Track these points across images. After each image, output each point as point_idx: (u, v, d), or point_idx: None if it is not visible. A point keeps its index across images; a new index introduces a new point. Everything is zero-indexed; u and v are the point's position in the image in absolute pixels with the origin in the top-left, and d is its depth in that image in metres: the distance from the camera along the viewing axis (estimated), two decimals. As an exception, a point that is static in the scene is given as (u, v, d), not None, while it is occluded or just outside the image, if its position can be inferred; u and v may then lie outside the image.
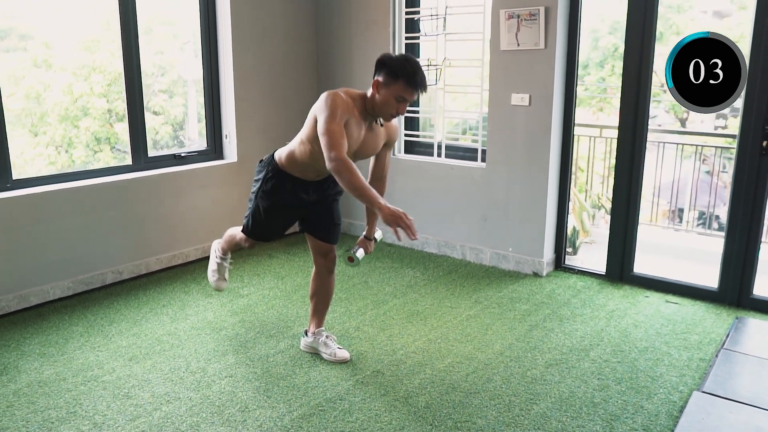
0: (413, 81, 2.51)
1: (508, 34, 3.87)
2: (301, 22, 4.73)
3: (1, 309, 3.40)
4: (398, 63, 2.53)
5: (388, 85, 2.52)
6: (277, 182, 2.80)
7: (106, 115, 4.36)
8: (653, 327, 3.33)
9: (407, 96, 2.54)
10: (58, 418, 2.50)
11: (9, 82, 4.03)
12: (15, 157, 4.23)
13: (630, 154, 3.76)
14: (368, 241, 2.98)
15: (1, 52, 4.05)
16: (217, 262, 3.28)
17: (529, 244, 4.08)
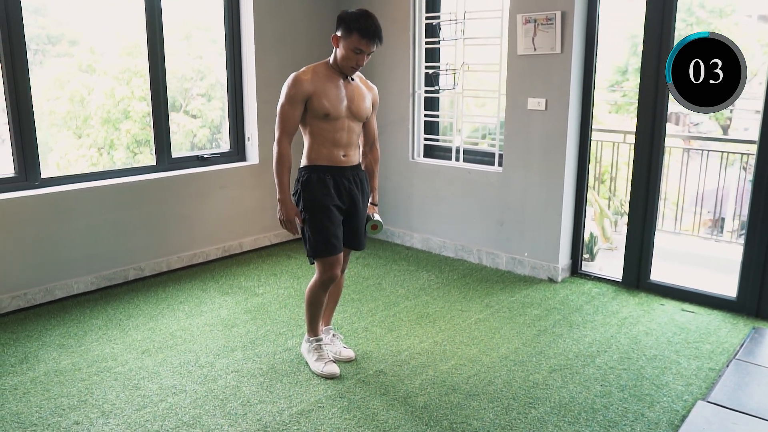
0: (366, 32, 2.61)
1: (525, 38, 3.86)
2: (323, 26, 4.81)
3: (28, 301, 3.56)
4: (353, 17, 2.64)
5: (345, 38, 2.65)
6: (317, 177, 2.73)
7: (147, 118, 4.51)
8: (665, 335, 3.28)
9: (363, 47, 2.64)
10: (69, 406, 2.61)
11: (55, 86, 4.20)
12: (59, 157, 4.41)
13: (647, 161, 3.71)
14: (374, 207, 3.02)
15: (52, 57, 4.24)
16: (313, 346, 2.95)
17: (544, 249, 4.05)
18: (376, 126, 3.02)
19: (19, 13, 3.46)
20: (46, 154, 4.42)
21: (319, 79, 2.69)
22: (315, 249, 2.74)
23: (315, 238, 2.73)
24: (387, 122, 4.76)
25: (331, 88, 2.70)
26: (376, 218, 2.93)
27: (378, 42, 2.67)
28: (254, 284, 4.01)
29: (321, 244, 2.72)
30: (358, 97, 2.79)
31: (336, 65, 2.73)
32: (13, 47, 3.45)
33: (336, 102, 2.70)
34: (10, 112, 3.50)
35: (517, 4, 3.88)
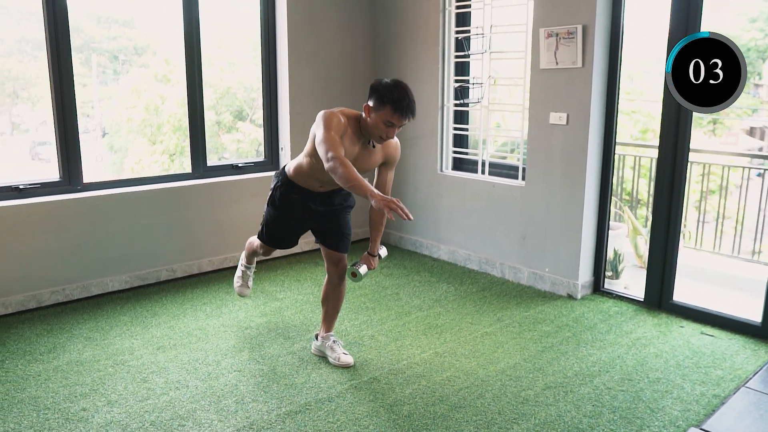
0: (399, 107, 2.62)
1: (547, 52, 3.85)
2: (356, 43, 4.95)
3: (66, 296, 3.86)
4: (386, 89, 2.65)
5: (377, 110, 2.66)
6: (286, 191, 3.00)
7: (215, 126, 4.77)
8: (675, 358, 3.17)
9: (394, 121, 2.65)
10: (81, 393, 2.83)
11: (133, 95, 4.53)
12: (133, 163, 4.74)
13: (670, 177, 3.61)
14: (372, 258, 3.11)
15: (137, 67, 4.58)
16: (242, 270, 3.55)
17: (565, 265, 4.00)
18: (391, 180, 3.04)
19: (66, 28, 3.74)
20: (122, 159, 4.77)
21: (347, 132, 2.73)
22: (262, 235, 3.22)
23: (266, 231, 3.18)
24: (417, 135, 4.83)
25: (348, 146, 2.74)
26: (360, 269, 3.02)
27: (411, 116, 2.67)
28: (277, 289, 4.17)
29: (264, 234, 3.20)
30: (367, 160, 2.87)
31: (365, 128, 2.75)
32: (61, 63, 3.76)
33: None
34: (57, 123, 3.81)
35: (539, 18, 3.87)
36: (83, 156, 3.91)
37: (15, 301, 3.67)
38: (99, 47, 4.40)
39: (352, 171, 2.49)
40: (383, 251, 3.17)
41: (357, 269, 3.02)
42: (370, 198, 2.42)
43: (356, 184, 2.46)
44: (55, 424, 2.59)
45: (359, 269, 3.03)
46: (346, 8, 4.84)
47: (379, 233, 3.09)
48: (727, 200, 4.96)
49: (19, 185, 3.71)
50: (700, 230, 4.92)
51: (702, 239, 4.91)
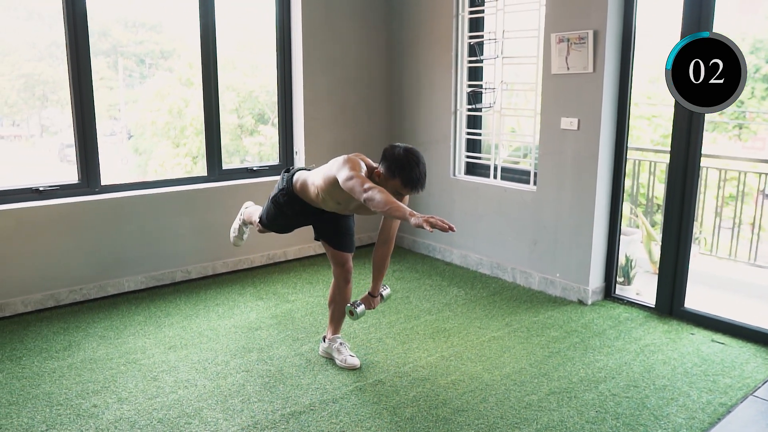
0: (408, 183, 2.62)
1: (559, 57, 3.85)
2: (371, 48, 4.99)
3: (83, 296, 3.95)
4: (398, 162, 2.62)
5: (387, 180, 2.66)
6: (288, 200, 3.03)
7: (237, 130, 4.85)
8: (683, 366, 3.15)
9: (403, 193, 2.67)
10: (93, 390, 2.91)
11: (157, 98, 4.62)
12: (156, 165, 4.83)
13: (682, 182, 3.58)
14: (372, 298, 3.14)
15: (163, 70, 4.68)
16: (239, 225, 3.63)
17: (575, 270, 3.99)
18: (396, 226, 3.05)
19: (86, 32, 3.84)
20: (146, 161, 4.87)
21: None
22: (263, 221, 3.25)
23: (266, 218, 3.21)
24: (430, 140, 4.85)
25: None
26: (357, 309, 3.05)
27: (420, 190, 2.67)
28: (289, 291, 4.22)
29: (268, 223, 3.22)
30: None
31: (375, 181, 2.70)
32: (81, 67, 3.86)
33: (352, 204, 2.84)
34: (76, 126, 3.92)
35: (551, 23, 3.87)
36: (109, 158, 4.03)
37: (34, 300, 3.78)
38: (126, 51, 4.50)
39: (390, 196, 2.45)
40: (386, 291, 3.20)
41: (354, 309, 3.06)
42: (409, 217, 2.33)
43: (394, 206, 2.40)
44: (66, 420, 2.67)
45: (356, 309, 3.06)
46: (360, 14, 4.89)
47: (381, 274, 3.11)
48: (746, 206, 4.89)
49: (39, 187, 3.82)
50: (716, 236, 4.86)
51: (718, 246, 4.85)
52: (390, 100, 5.20)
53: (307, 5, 4.59)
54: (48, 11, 3.93)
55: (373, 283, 3.14)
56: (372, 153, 3.25)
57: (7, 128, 4.19)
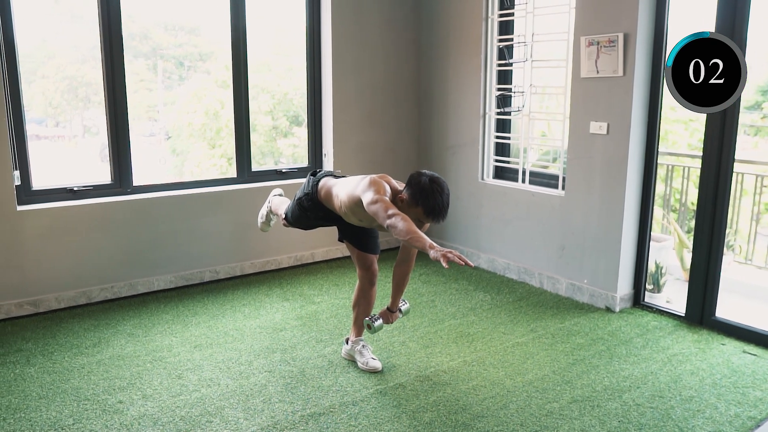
0: (431, 212, 2.63)
1: (588, 61, 3.79)
2: (399, 51, 5.00)
3: (114, 293, 4.05)
4: (423, 191, 2.63)
5: (409, 207, 2.67)
6: (312, 206, 3.06)
7: (272, 131, 4.92)
8: (712, 377, 3.07)
9: (424, 221, 2.69)
10: (119, 387, 2.97)
11: (193, 100, 4.71)
12: (193, 166, 4.92)
13: (714, 188, 3.49)
14: (390, 313, 3.16)
15: (201, 73, 4.77)
16: (267, 212, 3.67)
17: (603, 277, 3.92)
18: (415, 252, 3.07)
19: (120, 35, 3.94)
20: (183, 162, 4.97)
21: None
22: (287, 218, 3.31)
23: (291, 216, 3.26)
24: (458, 144, 4.84)
25: None
26: (375, 323, 3.08)
27: (442, 220, 2.68)
28: (315, 293, 4.25)
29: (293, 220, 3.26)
30: None
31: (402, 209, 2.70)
32: (114, 70, 3.96)
33: (374, 224, 2.87)
34: (109, 128, 4.02)
35: (581, 26, 3.82)
36: (148, 158, 4.12)
37: (67, 297, 3.88)
38: (166, 54, 4.60)
39: (413, 225, 2.48)
40: (405, 306, 3.22)
41: (372, 323, 3.08)
42: (429, 249, 2.37)
43: (415, 237, 2.43)
44: (92, 415, 2.73)
45: (374, 323, 3.09)
46: (390, 17, 4.91)
47: (400, 291, 3.13)
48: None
49: (73, 187, 3.93)
50: (753, 244, 4.72)
51: (754, 253, 4.71)
52: (419, 103, 5.19)
53: (336, 9, 4.62)
54: (90, 15, 4.05)
55: (393, 299, 3.16)
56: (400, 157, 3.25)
57: (51, 129, 4.31)
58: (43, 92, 4.13)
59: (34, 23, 3.92)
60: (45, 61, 4.02)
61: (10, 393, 2.91)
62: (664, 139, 6.43)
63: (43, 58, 4.01)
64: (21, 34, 3.73)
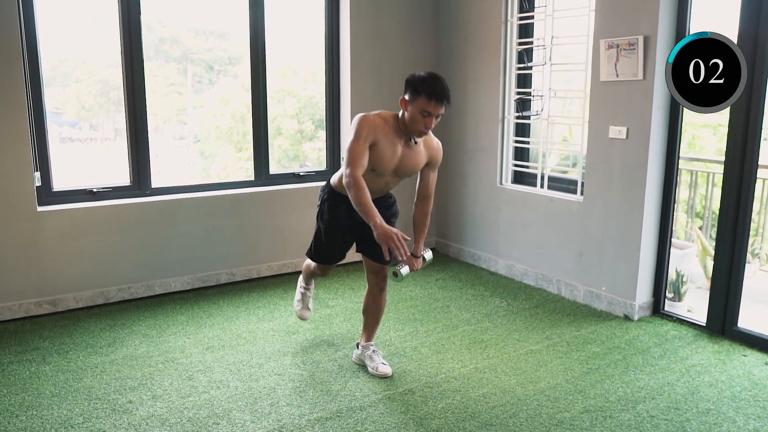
0: (434, 94, 2.64)
1: (608, 64, 3.73)
2: (418, 54, 4.97)
3: (131, 294, 4.09)
4: (420, 79, 2.68)
5: (413, 102, 2.69)
6: (333, 203, 3.02)
7: (297, 135, 4.95)
8: (731, 389, 2.97)
9: (431, 110, 2.66)
10: (130, 386, 3.00)
11: (221, 104, 4.77)
12: (219, 168, 4.97)
13: (736, 193, 3.40)
14: (415, 259, 3.06)
15: (230, 77, 4.84)
16: (301, 291, 3.54)
17: (622, 284, 3.84)
18: (433, 182, 3.05)
19: (139, 39, 3.98)
20: (210, 164, 5.02)
21: (386, 132, 2.75)
22: (312, 254, 3.23)
23: (315, 247, 3.19)
24: (477, 148, 4.79)
25: (389, 147, 2.77)
26: (402, 269, 2.95)
27: (446, 103, 2.68)
28: (330, 296, 4.24)
29: (318, 255, 3.20)
30: (411, 158, 2.87)
31: (404, 126, 2.77)
32: (134, 73, 4.01)
33: (387, 161, 2.80)
34: (129, 131, 4.07)
35: (600, 29, 3.76)
36: (177, 161, 4.16)
37: (85, 297, 3.94)
38: (196, 58, 4.66)
39: (365, 196, 2.60)
40: (428, 254, 3.11)
41: (399, 269, 2.96)
42: (374, 228, 2.55)
43: (365, 210, 2.59)
44: (102, 414, 2.76)
45: (401, 270, 2.96)
46: (408, 20, 4.89)
47: (422, 234, 3.07)
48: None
49: (92, 189, 3.99)
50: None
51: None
52: (438, 107, 5.15)
53: (355, 13, 4.62)
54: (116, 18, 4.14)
55: (416, 243, 3.07)
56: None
57: (85, 131, 4.39)
58: (77, 95, 4.21)
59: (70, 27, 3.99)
60: (79, 65, 4.09)
61: (24, 390, 2.95)
62: (691, 145, 6.29)
63: (77, 62, 4.07)
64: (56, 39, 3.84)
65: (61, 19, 3.98)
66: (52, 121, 4.19)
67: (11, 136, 3.59)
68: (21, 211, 3.69)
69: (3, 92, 3.53)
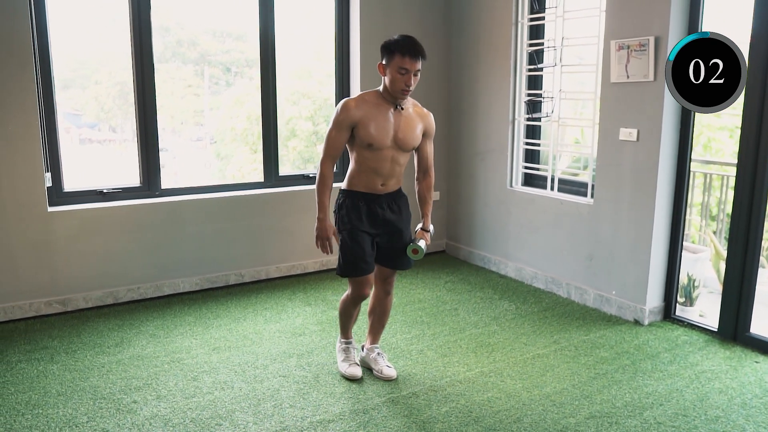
0: (407, 49, 2.69)
1: (618, 65, 3.68)
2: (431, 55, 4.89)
3: (140, 294, 4.12)
4: (392, 40, 2.75)
5: (389, 64, 2.73)
6: (351, 203, 2.91)
7: (312, 137, 4.96)
8: (742, 396, 2.92)
9: (406, 65, 2.70)
10: (135, 386, 3.01)
11: (236, 105, 4.80)
12: (234, 170, 4.99)
13: (749, 196, 3.34)
14: (426, 233, 3.04)
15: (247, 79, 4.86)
16: (342, 348, 3.22)
17: (632, 289, 3.79)
18: (431, 153, 3.06)
19: (149, 42, 4.01)
20: (226, 165, 5.05)
21: (368, 107, 2.78)
22: (343, 269, 2.95)
23: (344, 259, 2.93)
24: (487, 150, 4.76)
25: (378, 118, 2.78)
26: (420, 244, 2.96)
27: (421, 58, 2.72)
28: (338, 298, 4.23)
29: (349, 265, 2.92)
30: (407, 126, 2.86)
31: (387, 93, 2.81)
32: (145, 79, 4.04)
33: (381, 132, 2.79)
34: (139, 134, 4.10)
35: (611, 29, 3.71)
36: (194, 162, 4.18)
37: (94, 297, 3.97)
38: (214, 60, 4.69)
39: (324, 187, 2.86)
40: (431, 228, 3.10)
41: (418, 245, 2.94)
42: (316, 220, 2.88)
43: (319, 199, 2.86)
44: (107, 413, 2.77)
45: (420, 244, 2.94)
46: (419, 21, 4.88)
47: (428, 206, 3.08)
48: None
49: (103, 189, 4.02)
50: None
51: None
52: (448, 109, 5.14)
53: (365, 14, 4.62)
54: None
55: (424, 217, 3.08)
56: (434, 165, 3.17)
57: (104, 133, 4.44)
58: (96, 97, 4.25)
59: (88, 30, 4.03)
60: (98, 68, 4.12)
61: (31, 389, 2.98)
62: (707, 147, 6.20)
63: (96, 65, 4.10)
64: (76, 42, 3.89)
65: (79, 22, 4.02)
66: (71, 123, 4.26)
67: (22, 137, 3.63)
68: (32, 212, 3.73)
69: (15, 94, 3.57)
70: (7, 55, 3.52)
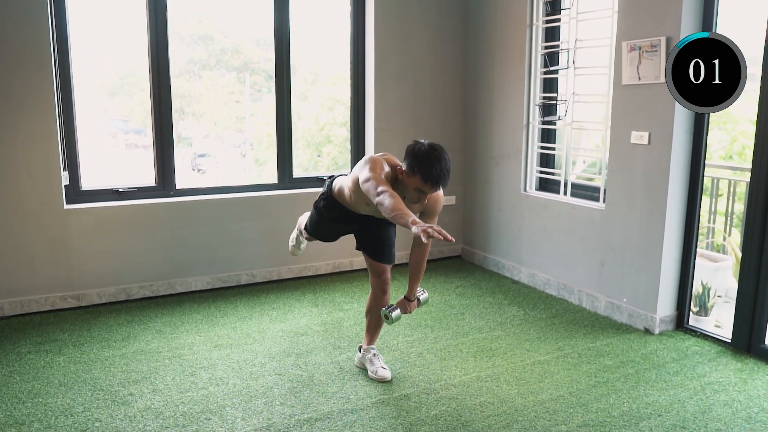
0: (429, 179, 2.56)
1: (630, 67, 3.59)
2: (446, 59, 4.94)
3: (153, 292, 4.21)
4: (419, 158, 2.57)
5: (409, 177, 2.62)
6: (327, 204, 3.08)
7: (346, 143, 5.02)
8: (749, 410, 2.79)
9: (424, 190, 2.61)
10: (134, 379, 3.08)
11: (272, 112, 4.89)
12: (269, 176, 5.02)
13: (763, 204, 3.20)
14: (408, 302, 3.09)
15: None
16: (296, 235, 3.62)
17: (643, 296, 3.68)
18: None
19: (166, 46, 4.11)
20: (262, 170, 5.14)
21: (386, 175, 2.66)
22: (307, 227, 3.34)
23: (310, 225, 3.30)
24: (501, 154, 4.71)
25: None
26: (393, 314, 2.99)
27: (442, 186, 2.64)
28: (345, 300, 4.24)
29: (312, 229, 3.31)
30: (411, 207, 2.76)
31: (402, 184, 2.69)
32: (161, 80, 4.14)
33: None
34: (154, 135, 4.20)
35: (623, 30, 3.63)
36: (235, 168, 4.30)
37: (108, 293, 4.08)
38: (256, 67, 4.80)
39: (400, 203, 2.44)
40: (424, 296, 3.14)
41: (389, 313, 3.00)
42: (411, 225, 2.33)
43: (399, 213, 2.39)
44: (102, 405, 2.84)
45: (391, 314, 3.00)
46: (435, 25, 4.86)
47: (417, 279, 3.06)
48: None
49: (119, 188, 4.13)
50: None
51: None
52: (463, 113, 5.10)
53: (380, 17, 4.63)
54: (187, 31, 4.35)
55: (410, 286, 3.09)
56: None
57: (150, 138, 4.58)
58: (141, 104, 4.38)
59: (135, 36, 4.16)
60: (144, 75, 4.22)
61: (36, 379, 3.07)
62: (741, 155, 5.98)
63: (143, 72, 4.20)
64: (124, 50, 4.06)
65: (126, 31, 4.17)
66: (118, 129, 4.42)
67: (41, 137, 3.76)
68: (49, 209, 3.86)
69: (33, 95, 3.71)
70: (27, 59, 3.66)
